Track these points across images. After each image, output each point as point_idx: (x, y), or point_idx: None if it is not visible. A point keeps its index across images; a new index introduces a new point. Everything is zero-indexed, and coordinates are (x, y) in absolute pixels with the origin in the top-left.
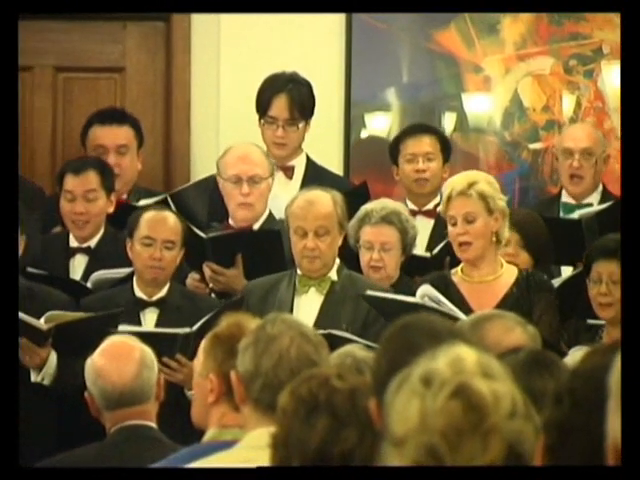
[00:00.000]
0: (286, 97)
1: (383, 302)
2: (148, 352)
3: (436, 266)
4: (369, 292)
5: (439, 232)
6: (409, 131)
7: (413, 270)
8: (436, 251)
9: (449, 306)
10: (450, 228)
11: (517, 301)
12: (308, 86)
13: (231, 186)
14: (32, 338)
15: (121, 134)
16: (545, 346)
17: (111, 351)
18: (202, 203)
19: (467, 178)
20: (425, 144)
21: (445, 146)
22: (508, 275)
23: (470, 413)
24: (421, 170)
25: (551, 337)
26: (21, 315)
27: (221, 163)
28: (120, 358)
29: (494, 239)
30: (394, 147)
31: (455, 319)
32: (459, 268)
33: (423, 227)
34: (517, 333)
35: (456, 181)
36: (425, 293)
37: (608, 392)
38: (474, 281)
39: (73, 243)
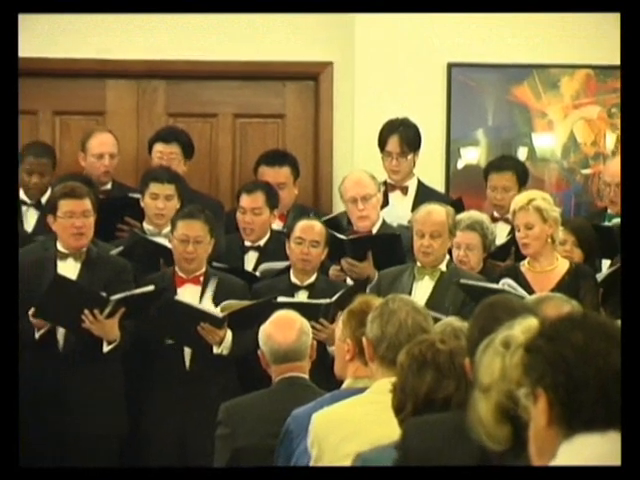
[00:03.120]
0: (398, 136)
1: (472, 288)
2: (306, 323)
3: (505, 252)
4: (462, 280)
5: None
6: (495, 166)
7: (493, 256)
8: (503, 242)
9: (520, 291)
10: (516, 233)
11: (568, 285)
12: (415, 128)
13: (351, 205)
14: (213, 323)
15: (281, 173)
16: None
17: (278, 321)
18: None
19: (527, 196)
20: (504, 179)
21: (521, 175)
22: (562, 266)
23: None
24: (499, 199)
25: (592, 310)
26: (202, 307)
27: (341, 189)
28: (285, 326)
29: (549, 240)
30: (485, 173)
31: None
32: (526, 261)
33: (504, 230)
34: (565, 310)
35: (519, 198)
36: (505, 282)
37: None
38: (536, 270)
39: (247, 243)
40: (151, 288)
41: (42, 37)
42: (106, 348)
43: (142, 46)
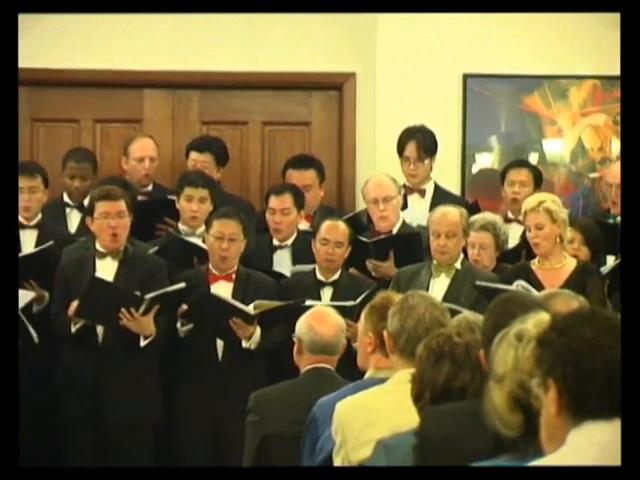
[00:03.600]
0: (415, 143)
1: (488, 289)
2: (343, 322)
3: (516, 254)
4: (477, 282)
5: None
6: (513, 164)
7: (504, 259)
8: (514, 245)
9: (534, 292)
10: (527, 233)
11: (575, 282)
12: (431, 134)
13: (372, 206)
14: (244, 319)
15: (307, 176)
16: None
17: (321, 314)
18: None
19: (537, 198)
20: (522, 175)
21: (537, 177)
22: (569, 264)
23: None
24: (516, 192)
25: (599, 305)
26: (237, 303)
27: (364, 191)
28: (327, 320)
29: (558, 240)
30: (502, 174)
31: None
32: (536, 260)
33: (517, 230)
34: (573, 305)
35: (530, 200)
36: (518, 283)
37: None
38: (546, 268)
39: (275, 242)
40: (182, 285)
41: (81, 49)
42: (143, 342)
43: (177, 58)
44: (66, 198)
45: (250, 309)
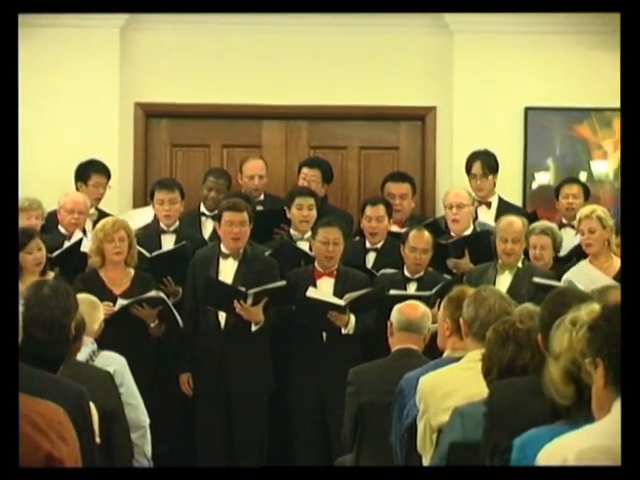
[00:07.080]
0: (480, 162)
1: (543, 285)
2: (428, 311)
3: (568, 260)
4: (534, 279)
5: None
6: (567, 180)
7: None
8: (566, 253)
9: (579, 286)
10: (580, 236)
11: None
12: (494, 156)
13: (448, 210)
14: (337, 310)
15: (402, 188)
16: None
17: (410, 303)
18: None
19: (590, 208)
20: (574, 189)
21: (586, 191)
22: (616, 263)
23: None
24: (570, 203)
25: None
26: (328, 299)
27: (444, 199)
28: (414, 306)
29: (607, 243)
30: (557, 188)
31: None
32: (587, 259)
33: (571, 233)
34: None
35: (583, 210)
36: (566, 279)
37: None
38: (595, 266)
39: (368, 245)
40: (283, 283)
41: (211, 86)
42: (253, 328)
43: (289, 94)
44: (202, 208)
45: (340, 301)
